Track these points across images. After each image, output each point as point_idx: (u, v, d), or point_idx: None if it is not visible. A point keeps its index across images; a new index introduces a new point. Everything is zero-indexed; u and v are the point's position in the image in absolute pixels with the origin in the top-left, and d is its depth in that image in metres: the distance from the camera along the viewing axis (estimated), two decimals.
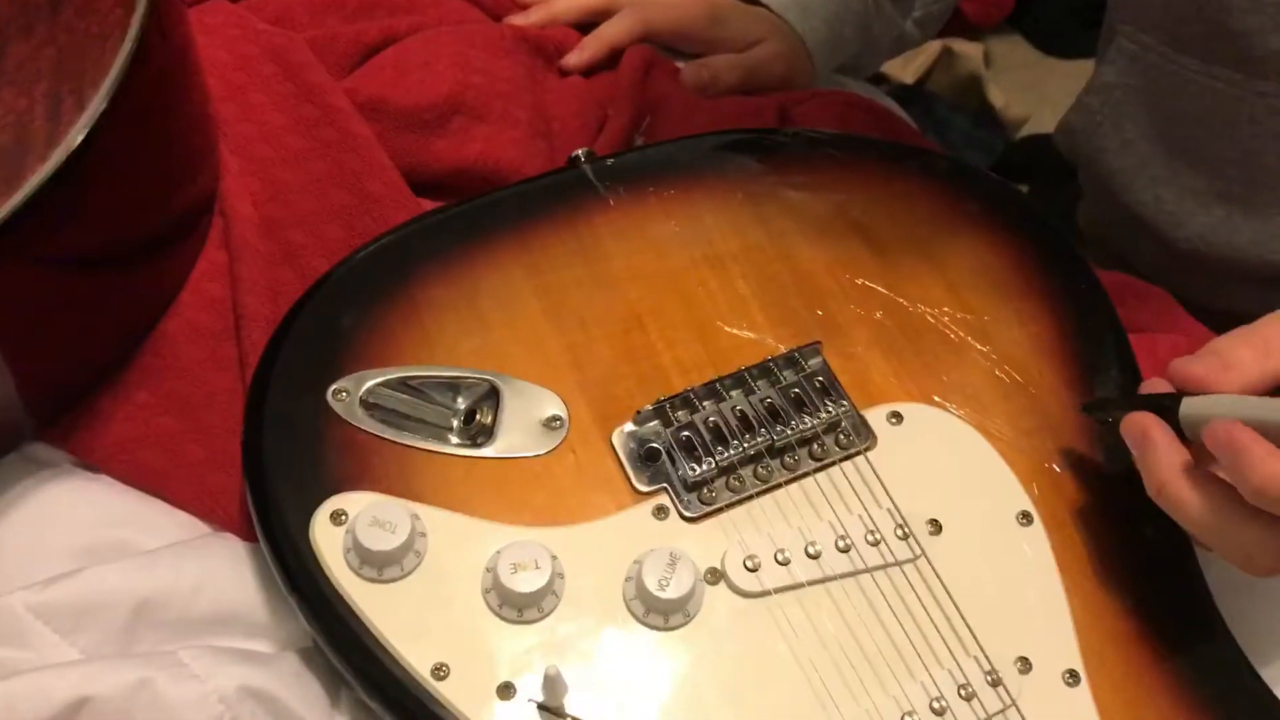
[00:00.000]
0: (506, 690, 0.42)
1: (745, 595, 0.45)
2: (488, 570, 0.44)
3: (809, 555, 0.46)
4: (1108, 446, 0.49)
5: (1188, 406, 0.45)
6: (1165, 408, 0.45)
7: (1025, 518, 0.48)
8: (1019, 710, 0.44)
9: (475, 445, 0.47)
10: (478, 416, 0.48)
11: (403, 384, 0.48)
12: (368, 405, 0.47)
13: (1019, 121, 1.43)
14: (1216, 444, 0.41)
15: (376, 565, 0.44)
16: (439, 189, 0.58)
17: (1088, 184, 0.74)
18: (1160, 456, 0.43)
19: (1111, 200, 0.68)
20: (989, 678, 0.44)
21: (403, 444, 0.47)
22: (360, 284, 0.51)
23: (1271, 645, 0.50)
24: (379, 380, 0.48)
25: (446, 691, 0.42)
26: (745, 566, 0.45)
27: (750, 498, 0.47)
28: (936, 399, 0.50)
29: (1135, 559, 0.48)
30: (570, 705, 0.42)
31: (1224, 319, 0.68)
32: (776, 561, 0.45)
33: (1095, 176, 0.70)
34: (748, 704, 0.43)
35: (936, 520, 0.47)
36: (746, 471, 0.47)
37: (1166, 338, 0.59)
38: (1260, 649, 0.49)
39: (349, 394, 0.48)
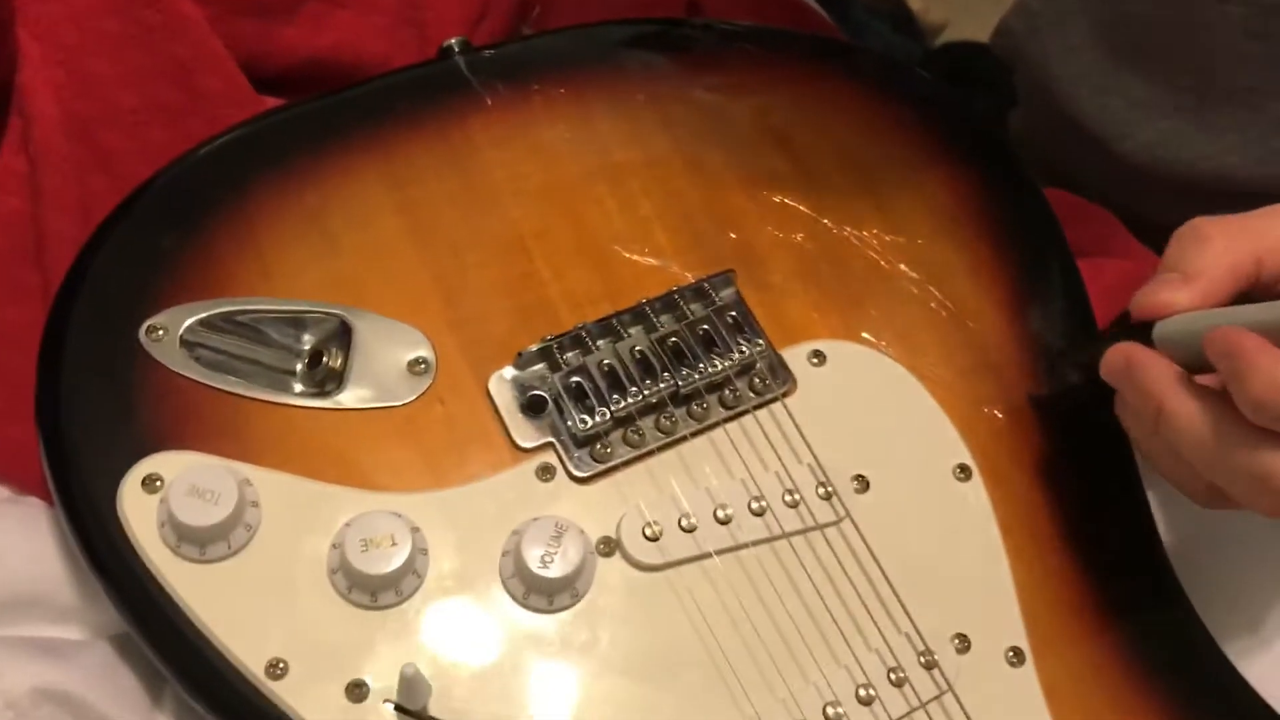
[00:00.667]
0: (357, 690, 0.35)
1: (644, 569, 0.38)
2: (334, 547, 0.37)
3: (718, 520, 0.39)
4: (1056, 388, 0.43)
5: (1162, 328, 0.38)
6: (1137, 338, 0.39)
7: (963, 471, 0.42)
8: (955, 696, 0.38)
9: (322, 394, 0.40)
10: (325, 359, 0.40)
11: (233, 320, 0.40)
12: (190, 346, 0.39)
13: (938, 28, 1.36)
14: (1216, 352, 0.35)
15: (197, 542, 0.36)
16: (286, 85, 0.49)
17: (1026, 92, 0.68)
18: (1152, 372, 0.37)
19: (1053, 109, 0.62)
20: (922, 659, 0.38)
21: (232, 393, 0.39)
22: (185, 197, 0.42)
23: (1229, 610, 0.46)
24: (204, 315, 0.40)
25: (284, 693, 0.35)
26: (644, 535, 0.39)
27: (651, 453, 0.40)
28: (864, 335, 0.44)
29: (1086, 518, 0.42)
30: (435, 706, 0.35)
31: (1167, 237, 0.64)
32: (680, 528, 0.39)
33: (1036, 83, 0.64)
34: (646, 698, 0.37)
35: (863, 476, 0.41)
36: (647, 423, 0.40)
37: (1113, 263, 0.54)
38: (1216, 615, 0.44)
39: (167, 332, 0.39)
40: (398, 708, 0.35)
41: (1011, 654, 0.39)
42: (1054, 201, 0.52)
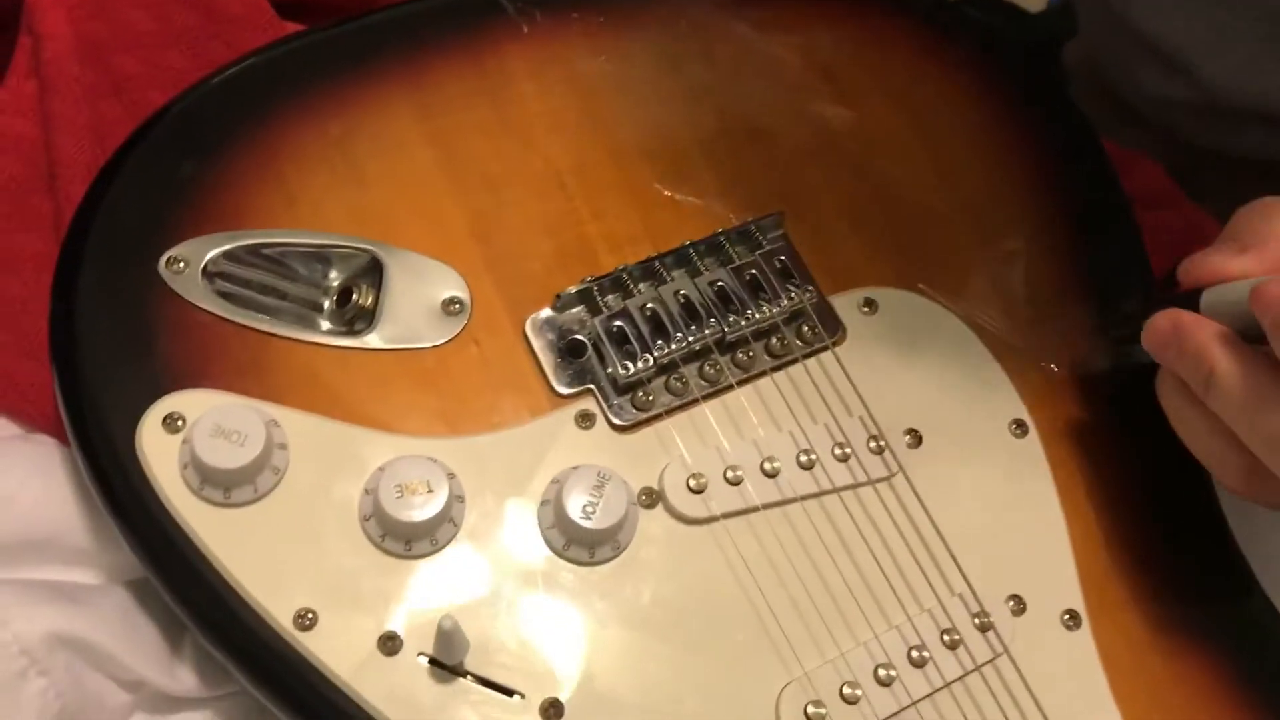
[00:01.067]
0: (390, 643, 0.34)
1: (688, 521, 0.37)
2: (367, 493, 0.35)
3: (765, 473, 0.37)
4: (1117, 345, 0.42)
5: (1210, 295, 0.37)
6: (1185, 305, 0.37)
7: (1019, 427, 0.40)
8: (1011, 659, 0.36)
9: (352, 333, 0.38)
10: (355, 297, 0.38)
11: (258, 253, 0.38)
12: (212, 278, 0.37)
13: None
14: (1264, 303, 0.33)
15: (222, 485, 0.34)
16: (310, 8, 0.47)
17: (1093, 16, 0.66)
18: (1203, 334, 0.35)
19: (1127, 33, 0.60)
20: (977, 620, 0.37)
21: (258, 329, 0.37)
22: (206, 124, 0.40)
23: None
24: (228, 247, 0.38)
25: (312, 644, 0.33)
26: (688, 487, 0.37)
27: (694, 402, 0.38)
28: (918, 284, 0.42)
29: (1144, 478, 0.40)
30: (471, 661, 0.34)
31: (1225, 168, 0.61)
32: (726, 480, 0.37)
33: (1109, 6, 0.61)
34: (689, 656, 0.35)
35: (916, 430, 0.39)
36: (690, 370, 0.39)
37: (1155, 215, 0.52)
38: (1269, 571, 0.43)
39: (188, 264, 0.37)
40: (433, 661, 0.34)
41: (1068, 617, 0.38)
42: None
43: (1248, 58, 0.57)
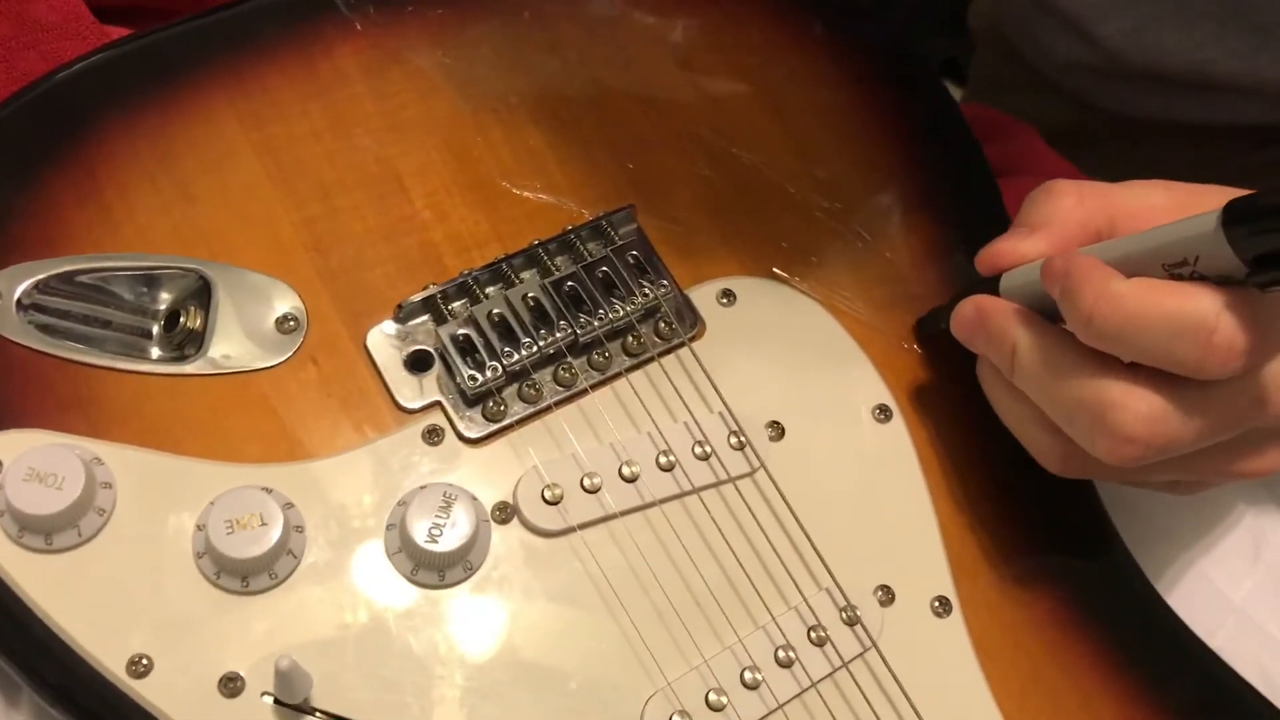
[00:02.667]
0: (232, 684, 0.32)
1: (544, 535, 0.35)
2: (199, 529, 0.33)
3: (624, 478, 0.36)
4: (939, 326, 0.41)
5: (1007, 280, 0.37)
6: (985, 291, 0.37)
7: (883, 412, 0.40)
8: (880, 653, 0.36)
9: (182, 358, 0.36)
10: (183, 320, 0.36)
11: (76, 280, 0.36)
12: (28, 311, 0.35)
13: None
14: (1052, 277, 0.33)
15: (42, 531, 0.32)
16: (133, 13, 0.45)
17: None
18: (1002, 314, 0.36)
19: None
20: (844, 615, 0.36)
21: (80, 362, 0.35)
22: (16, 143, 0.38)
23: (1154, 541, 0.44)
24: (42, 276, 0.36)
25: (148, 692, 0.32)
26: (544, 498, 0.36)
27: (549, 409, 0.37)
28: (776, 270, 0.41)
29: (1011, 455, 0.40)
30: (320, 696, 0.32)
31: (1131, 132, 0.61)
32: (583, 489, 0.36)
33: None
34: (549, 675, 0.34)
35: (778, 423, 0.38)
36: (544, 376, 0.37)
37: (1030, 180, 0.51)
38: (1142, 545, 0.43)
39: (1, 296, 0.35)
40: (278, 700, 0.32)
41: (938, 604, 0.37)
42: (972, 119, 0.49)
43: (1143, 19, 0.57)
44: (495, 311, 0.37)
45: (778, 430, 0.38)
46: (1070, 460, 0.35)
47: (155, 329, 0.37)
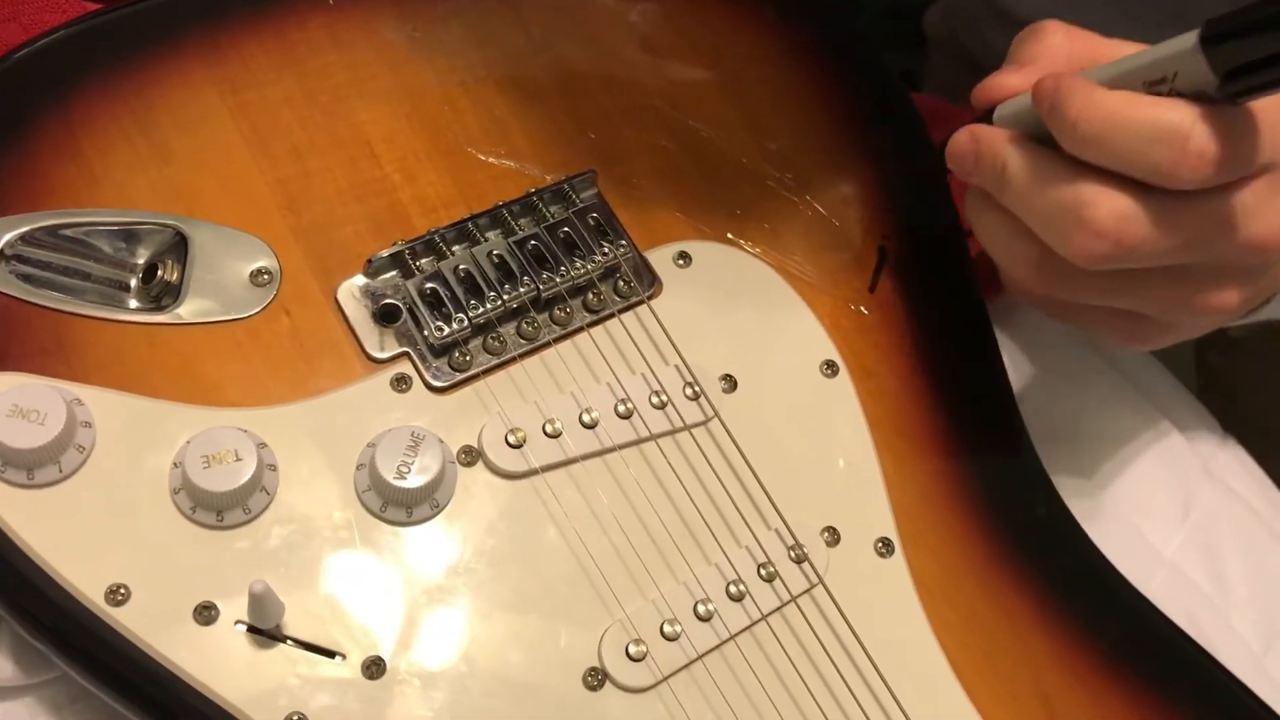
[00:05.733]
0: (206, 612, 0.34)
1: (508, 476, 0.37)
2: (175, 466, 0.35)
3: (583, 424, 0.38)
4: (919, 285, 0.43)
5: (1000, 111, 0.39)
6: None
7: (830, 367, 0.42)
8: (826, 589, 0.38)
9: (159, 308, 0.37)
10: (160, 273, 0.38)
11: (58, 234, 0.37)
12: (10, 261, 0.37)
13: None
14: (1041, 95, 0.36)
15: (24, 466, 0.34)
16: None
17: None
18: (994, 136, 0.37)
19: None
20: (792, 553, 0.38)
21: (60, 310, 0.36)
22: (1, 106, 0.39)
23: (1089, 495, 0.46)
24: (25, 229, 0.37)
25: (126, 619, 0.33)
26: (507, 442, 0.37)
27: (513, 360, 0.39)
28: (729, 236, 0.43)
29: (952, 410, 0.42)
30: (290, 624, 0.34)
31: None
32: (545, 434, 0.38)
33: None
34: (512, 607, 0.36)
35: (731, 376, 0.40)
36: (507, 329, 0.39)
37: None
38: (1077, 499, 0.45)
39: None
40: (251, 628, 0.34)
41: (881, 544, 0.39)
42: (920, 106, 0.52)
43: (1090, 22, 0.60)
44: (461, 267, 0.39)
45: (730, 383, 0.40)
46: (1044, 270, 0.37)
47: (133, 282, 0.38)
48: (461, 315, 0.38)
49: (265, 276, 0.38)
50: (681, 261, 0.42)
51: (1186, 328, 0.39)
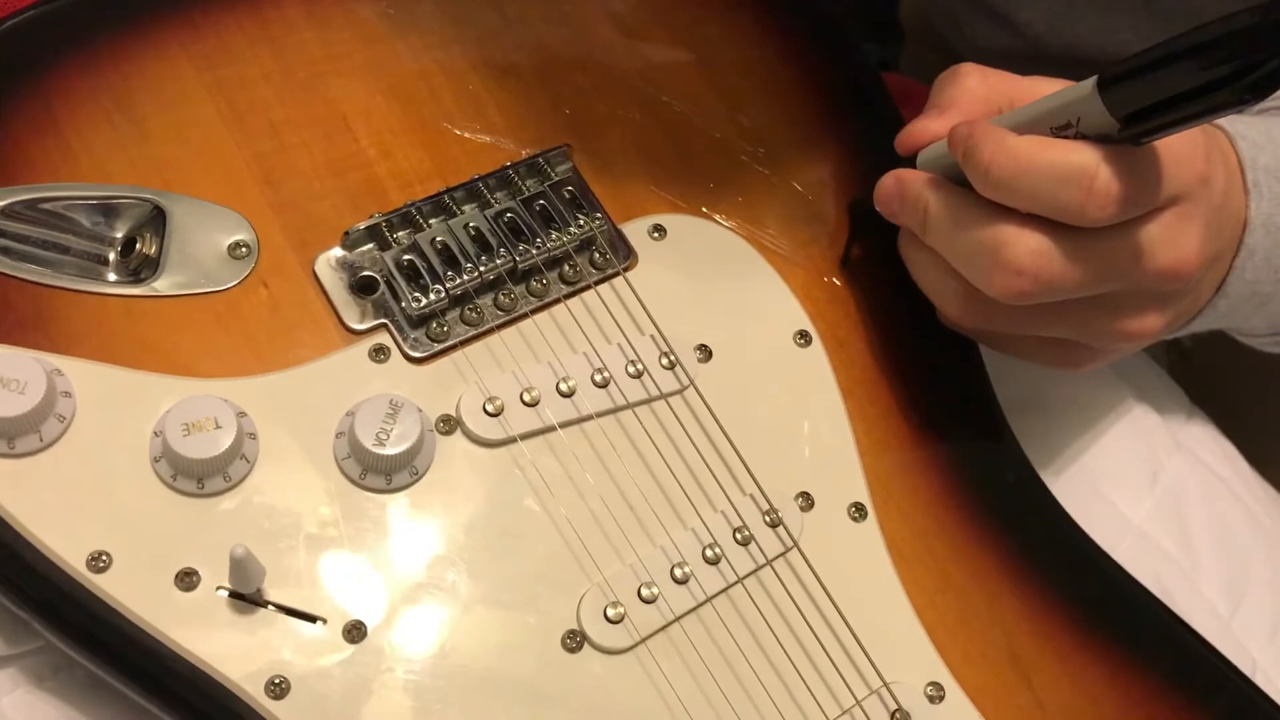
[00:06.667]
0: (188, 578, 0.34)
1: (486, 444, 0.38)
2: (156, 434, 0.35)
3: (561, 393, 0.39)
4: (890, 256, 0.44)
5: (922, 156, 0.41)
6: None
7: (803, 337, 0.42)
8: (801, 552, 0.39)
9: (137, 281, 0.38)
10: (139, 246, 0.38)
11: (37, 207, 0.38)
12: None
13: None
14: (956, 142, 0.37)
15: (5, 435, 0.34)
16: None
17: None
18: (918, 181, 0.40)
19: None
20: (768, 518, 0.39)
21: (39, 283, 0.37)
22: None
23: (1058, 463, 0.47)
24: (4, 202, 0.37)
25: (108, 585, 0.33)
26: (485, 411, 0.38)
27: (490, 331, 0.39)
28: (704, 209, 0.44)
29: (923, 378, 0.43)
30: (272, 591, 0.34)
31: None
32: (523, 403, 0.38)
33: None
34: (491, 572, 0.36)
35: (706, 345, 0.41)
36: (485, 301, 0.40)
37: None
38: (1047, 467, 0.46)
39: None
40: (233, 594, 0.34)
41: (854, 509, 0.40)
42: (892, 88, 0.52)
43: (1060, 4, 0.61)
44: (438, 239, 0.40)
45: (706, 353, 0.41)
46: (970, 305, 0.39)
47: (112, 255, 0.38)
48: (439, 287, 0.39)
49: (243, 249, 0.38)
50: (656, 234, 0.43)
51: (1116, 350, 0.41)
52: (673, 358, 0.40)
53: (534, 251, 0.40)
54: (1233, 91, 0.31)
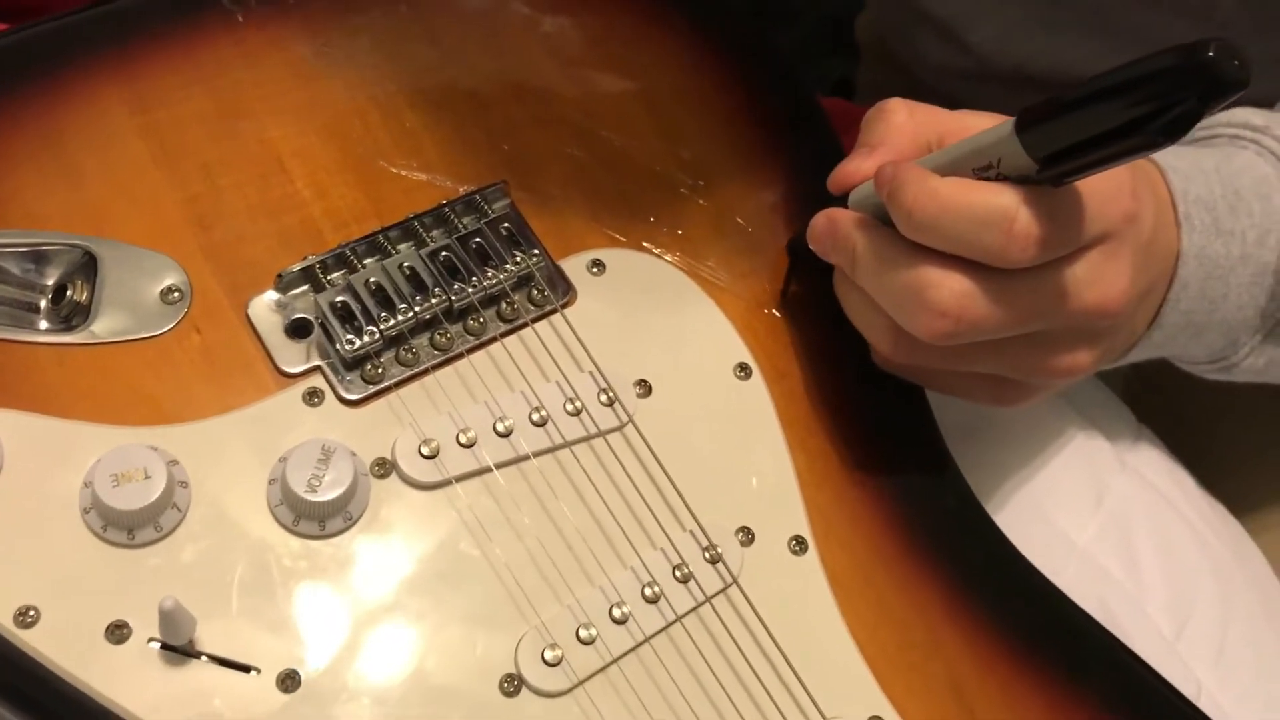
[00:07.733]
0: (119, 631, 0.34)
1: (422, 487, 0.38)
2: (86, 485, 0.35)
3: (498, 433, 0.39)
4: (829, 290, 0.44)
5: (853, 196, 0.41)
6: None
7: (743, 370, 0.42)
8: (740, 588, 0.39)
9: (69, 328, 0.37)
10: (70, 293, 0.38)
11: None
12: None
13: None
14: (881, 183, 0.38)
15: None
16: (19, 9, 0.46)
17: None
18: (847, 221, 0.40)
19: (903, 2, 0.63)
20: (707, 554, 0.39)
21: None
22: None
23: (1002, 488, 0.47)
24: None
25: (36, 641, 0.33)
26: (420, 453, 0.38)
27: (426, 371, 0.39)
28: (644, 243, 0.44)
29: (863, 410, 0.43)
30: (204, 640, 0.34)
31: None
32: (459, 444, 0.38)
33: None
34: (427, 617, 0.36)
35: (645, 381, 0.41)
36: (420, 341, 0.40)
37: None
38: (990, 492, 0.46)
39: None
40: (164, 645, 0.34)
41: (795, 543, 0.40)
42: (831, 111, 0.52)
43: (1010, 23, 0.62)
44: (372, 280, 0.39)
45: (645, 388, 0.41)
46: (900, 343, 0.39)
47: (43, 302, 0.38)
48: (373, 328, 0.39)
49: (175, 294, 0.38)
50: (595, 269, 0.42)
51: (1050, 386, 0.41)
52: (611, 394, 0.40)
53: (470, 290, 0.40)
54: (1148, 134, 0.31)
